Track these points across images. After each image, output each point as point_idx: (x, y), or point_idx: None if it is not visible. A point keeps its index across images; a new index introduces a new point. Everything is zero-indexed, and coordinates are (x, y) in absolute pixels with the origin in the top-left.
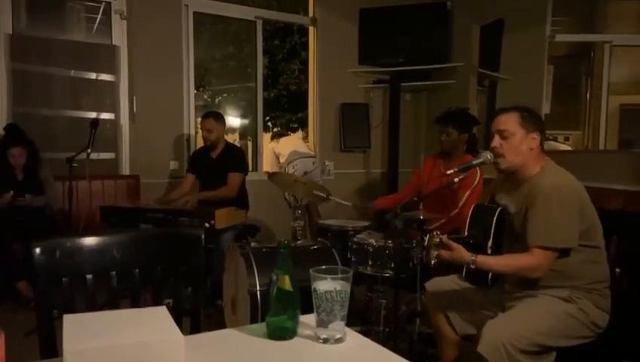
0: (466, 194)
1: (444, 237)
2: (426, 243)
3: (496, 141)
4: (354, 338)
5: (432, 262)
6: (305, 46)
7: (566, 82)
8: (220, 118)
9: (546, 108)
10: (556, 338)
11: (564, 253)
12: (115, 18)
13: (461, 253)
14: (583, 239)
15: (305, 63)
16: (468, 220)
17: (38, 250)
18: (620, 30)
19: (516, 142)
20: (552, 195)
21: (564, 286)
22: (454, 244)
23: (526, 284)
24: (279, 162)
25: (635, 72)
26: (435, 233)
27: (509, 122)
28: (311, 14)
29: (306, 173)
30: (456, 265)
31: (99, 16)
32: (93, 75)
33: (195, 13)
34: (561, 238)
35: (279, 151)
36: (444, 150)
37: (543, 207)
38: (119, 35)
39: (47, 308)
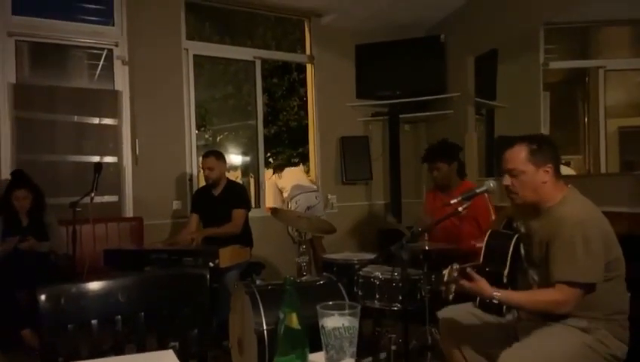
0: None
1: (468, 268)
2: (445, 278)
3: (507, 180)
4: None
5: (450, 297)
6: (303, 82)
7: (563, 108)
8: (221, 156)
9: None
10: None
11: (590, 288)
12: (117, 64)
13: (482, 286)
14: (606, 271)
15: (304, 99)
16: (484, 246)
17: (43, 297)
18: (613, 55)
19: (527, 179)
20: (577, 229)
21: (582, 317)
22: (477, 276)
23: (543, 314)
24: (282, 196)
25: (631, 94)
26: (453, 267)
27: (517, 160)
28: (308, 52)
29: (309, 207)
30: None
31: (101, 63)
32: (96, 120)
33: (195, 56)
34: (586, 273)
35: (282, 185)
36: (439, 185)
37: (567, 241)
38: (121, 80)
39: (52, 355)
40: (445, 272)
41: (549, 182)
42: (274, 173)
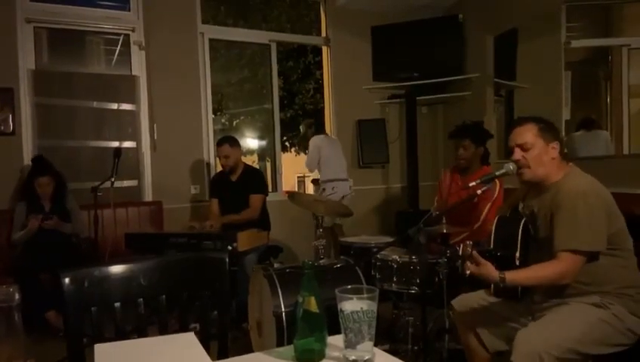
0: (487, 207)
1: (474, 252)
2: (460, 253)
3: (518, 154)
4: (383, 359)
5: (468, 272)
6: (319, 65)
7: (585, 87)
8: (235, 142)
9: (566, 115)
10: (591, 346)
11: (592, 257)
12: (134, 49)
13: (489, 270)
14: (611, 243)
15: (319, 82)
16: (493, 233)
17: (67, 280)
18: (637, 33)
19: (537, 154)
20: (578, 199)
21: (593, 292)
22: (483, 260)
23: (555, 293)
24: (319, 159)
25: None
26: (467, 242)
27: (528, 134)
28: (324, 35)
29: (343, 197)
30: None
31: (118, 48)
32: (114, 106)
33: (210, 40)
34: (588, 241)
35: (325, 154)
36: (462, 165)
37: (568, 210)
38: (138, 66)
39: (77, 336)
40: (459, 247)
41: (556, 160)
42: (316, 133)
